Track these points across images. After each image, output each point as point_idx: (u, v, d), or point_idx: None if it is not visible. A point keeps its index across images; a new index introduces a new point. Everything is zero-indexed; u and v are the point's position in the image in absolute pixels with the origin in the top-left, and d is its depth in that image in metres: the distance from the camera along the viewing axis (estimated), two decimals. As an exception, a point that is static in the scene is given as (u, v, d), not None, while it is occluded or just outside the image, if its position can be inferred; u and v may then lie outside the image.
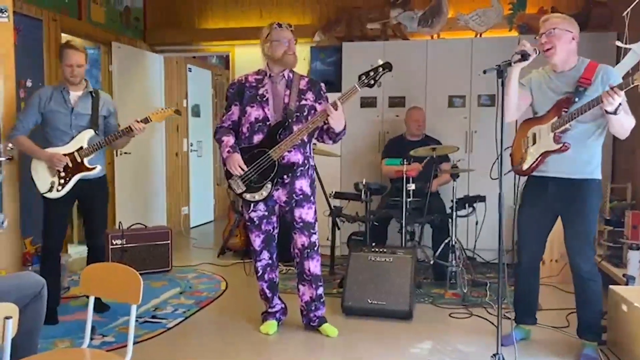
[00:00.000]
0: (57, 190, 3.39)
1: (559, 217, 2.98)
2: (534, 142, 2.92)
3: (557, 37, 2.78)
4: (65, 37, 5.10)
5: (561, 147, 2.79)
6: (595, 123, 2.79)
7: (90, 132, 3.42)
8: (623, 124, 2.69)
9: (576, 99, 2.76)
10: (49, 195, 3.40)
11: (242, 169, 3.11)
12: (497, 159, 2.56)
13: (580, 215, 2.84)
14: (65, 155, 3.37)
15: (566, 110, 2.78)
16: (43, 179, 3.40)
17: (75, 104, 3.43)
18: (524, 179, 3.05)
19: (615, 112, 2.59)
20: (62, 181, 3.39)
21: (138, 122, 3.40)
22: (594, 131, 2.82)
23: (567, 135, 2.80)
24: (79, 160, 3.40)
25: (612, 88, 2.54)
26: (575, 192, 2.84)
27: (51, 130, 3.43)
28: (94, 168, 3.43)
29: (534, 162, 2.91)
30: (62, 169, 3.37)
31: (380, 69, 3.05)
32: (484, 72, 2.56)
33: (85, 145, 3.40)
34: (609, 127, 2.75)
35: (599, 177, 2.87)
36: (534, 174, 2.94)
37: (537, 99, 2.95)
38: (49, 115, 3.40)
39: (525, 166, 2.95)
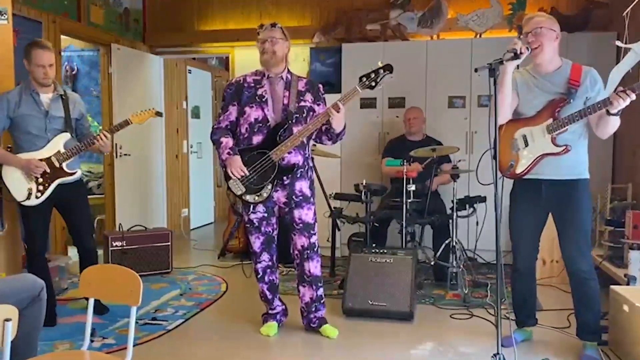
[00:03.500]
0: (36, 197, 3.27)
1: (550, 217, 2.97)
2: (526, 144, 2.87)
3: (543, 35, 2.76)
4: (65, 39, 5.11)
5: (563, 150, 2.77)
6: (583, 123, 2.80)
7: (66, 136, 3.33)
8: (615, 126, 2.72)
9: (571, 100, 2.75)
10: (27, 202, 3.27)
11: (243, 172, 3.11)
12: (480, 160, 2.56)
13: (576, 215, 2.83)
14: (41, 160, 3.25)
15: (559, 110, 2.77)
16: (18, 186, 3.26)
17: (48, 106, 3.31)
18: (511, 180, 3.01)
19: (617, 114, 2.60)
20: (40, 187, 3.27)
21: (105, 132, 3.30)
22: (582, 132, 2.84)
23: (561, 137, 2.79)
24: (57, 165, 3.29)
25: (624, 90, 2.52)
26: (569, 193, 2.83)
27: (22, 135, 3.28)
28: (74, 173, 3.35)
29: (530, 164, 2.86)
30: (39, 175, 3.26)
31: (381, 71, 3.04)
32: (476, 70, 2.55)
33: (62, 150, 3.30)
34: (599, 128, 2.74)
35: (588, 177, 2.88)
36: (526, 176, 2.91)
37: (525, 100, 2.89)
38: (20, 119, 3.25)
39: (519, 169, 2.90)
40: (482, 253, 4.73)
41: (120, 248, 4.51)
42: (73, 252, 5.12)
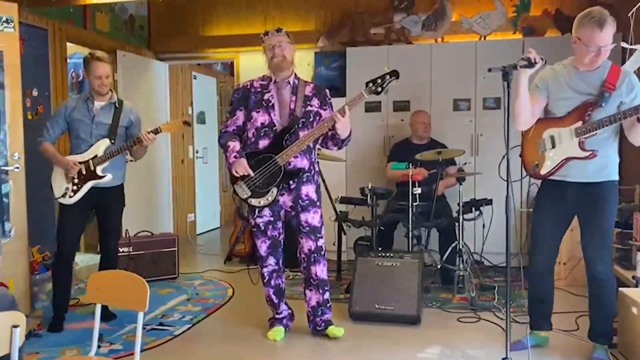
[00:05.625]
0: (70, 197, 3.45)
1: (573, 219, 2.94)
2: (553, 146, 2.82)
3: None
4: (70, 46, 5.15)
5: (589, 155, 2.72)
6: (614, 127, 2.74)
7: (106, 142, 3.48)
8: None
9: (602, 104, 2.69)
10: (62, 200, 3.48)
11: (248, 174, 3.12)
12: (503, 157, 2.55)
13: (599, 217, 2.79)
14: (80, 162, 3.44)
15: (590, 114, 2.71)
16: (59, 184, 3.50)
17: (97, 113, 3.50)
18: (533, 181, 2.97)
19: None
20: (74, 187, 3.45)
21: (148, 132, 3.44)
22: (611, 134, 2.78)
23: (590, 141, 2.73)
24: (92, 168, 3.44)
25: None
26: (595, 194, 2.79)
27: (74, 139, 3.53)
28: (104, 176, 3.46)
29: (555, 166, 2.81)
30: (75, 176, 3.43)
31: (387, 77, 3.06)
32: (489, 70, 2.53)
33: (100, 154, 3.45)
34: (631, 134, 2.70)
35: (617, 178, 2.83)
36: (552, 177, 2.85)
37: (554, 98, 2.82)
38: (72, 124, 3.50)
39: (544, 170, 2.85)
40: (489, 256, 4.72)
41: (127, 254, 4.52)
42: (80, 258, 5.17)
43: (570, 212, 2.92)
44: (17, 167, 3.60)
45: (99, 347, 2.91)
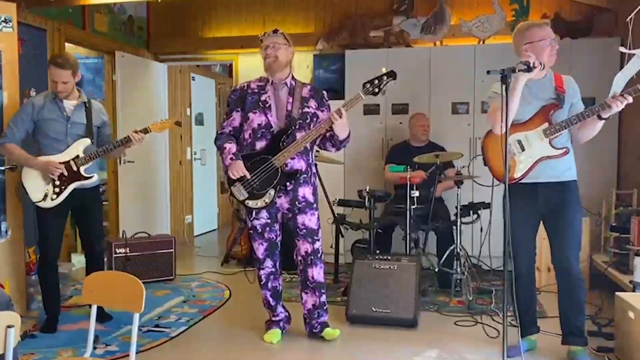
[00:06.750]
0: (52, 199, 3.33)
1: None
2: (523, 149, 2.87)
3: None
4: (69, 46, 5.14)
5: (563, 152, 2.82)
6: (571, 127, 2.86)
7: (86, 141, 3.38)
8: (597, 131, 2.82)
9: (562, 105, 2.82)
10: (42, 204, 3.33)
11: (245, 176, 3.11)
12: (471, 161, 2.55)
13: (568, 216, 2.86)
14: (61, 163, 3.31)
15: (553, 114, 2.82)
16: (36, 187, 3.33)
17: (71, 112, 3.39)
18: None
19: (608, 118, 2.72)
20: (56, 190, 3.33)
21: (137, 132, 3.37)
22: (569, 137, 2.90)
23: (556, 140, 2.83)
24: (74, 169, 3.34)
25: (622, 94, 2.62)
26: (563, 194, 2.87)
27: (43, 139, 3.37)
28: (90, 177, 3.38)
29: (528, 168, 2.87)
30: (57, 178, 3.32)
31: (385, 77, 3.06)
32: (488, 72, 2.55)
33: (81, 154, 3.35)
34: (583, 132, 2.83)
35: (577, 179, 2.93)
36: (523, 180, 2.89)
37: (519, 107, 2.87)
38: (42, 123, 3.34)
39: (517, 174, 2.88)
40: (486, 259, 4.71)
41: (123, 255, 4.51)
42: (76, 259, 5.16)
43: (539, 214, 2.96)
44: (13, 167, 3.59)
45: (94, 348, 2.91)
